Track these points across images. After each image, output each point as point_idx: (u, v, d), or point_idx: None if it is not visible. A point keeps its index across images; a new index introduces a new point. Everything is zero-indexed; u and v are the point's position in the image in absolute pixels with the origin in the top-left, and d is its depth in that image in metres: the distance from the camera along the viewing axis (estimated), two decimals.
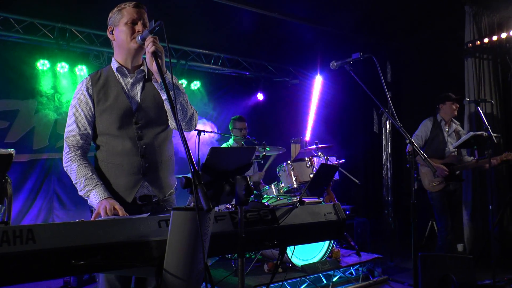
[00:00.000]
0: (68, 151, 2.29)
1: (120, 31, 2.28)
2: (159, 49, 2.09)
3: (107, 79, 2.34)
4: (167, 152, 2.42)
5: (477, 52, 6.32)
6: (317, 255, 4.74)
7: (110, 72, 2.36)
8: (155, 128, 2.35)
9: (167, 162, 2.42)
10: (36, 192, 5.65)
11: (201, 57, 7.34)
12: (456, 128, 5.31)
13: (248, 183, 1.74)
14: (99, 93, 2.29)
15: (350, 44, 7.58)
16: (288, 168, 5.12)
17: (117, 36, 2.31)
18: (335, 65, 3.26)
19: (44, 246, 1.50)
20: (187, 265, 1.67)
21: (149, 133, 2.32)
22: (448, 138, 5.23)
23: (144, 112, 2.32)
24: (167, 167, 2.40)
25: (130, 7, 2.28)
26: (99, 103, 2.29)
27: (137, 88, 2.36)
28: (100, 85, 2.31)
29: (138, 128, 2.30)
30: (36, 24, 5.71)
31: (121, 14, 2.28)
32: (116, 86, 2.32)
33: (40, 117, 5.81)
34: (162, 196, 2.37)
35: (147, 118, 2.32)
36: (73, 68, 5.93)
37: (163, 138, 2.39)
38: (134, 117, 2.30)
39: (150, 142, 2.32)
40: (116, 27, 2.31)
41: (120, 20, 2.28)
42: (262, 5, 6.35)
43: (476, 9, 6.30)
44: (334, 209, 2.33)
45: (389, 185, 7.83)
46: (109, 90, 2.31)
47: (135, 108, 2.32)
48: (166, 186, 2.40)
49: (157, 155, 2.34)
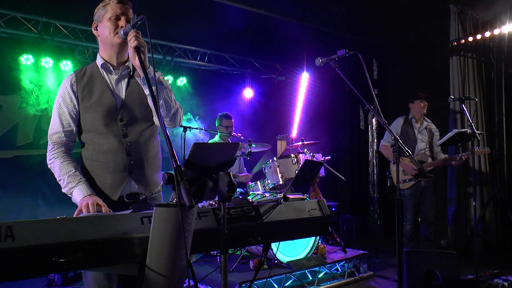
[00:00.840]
0: (51, 148, 2.26)
1: (104, 27, 2.26)
2: (141, 43, 2.08)
3: (92, 75, 2.31)
4: (152, 149, 2.40)
5: (462, 50, 6.40)
6: (302, 252, 4.76)
7: (95, 68, 2.33)
8: (140, 125, 2.33)
9: (153, 159, 2.40)
10: (20, 189, 5.56)
11: (187, 53, 7.31)
12: (428, 126, 5.42)
13: (231, 179, 1.73)
14: (84, 90, 2.27)
15: (337, 41, 7.60)
16: (274, 164, 5.13)
17: (101, 32, 2.29)
18: (320, 61, 3.27)
19: (24, 243, 1.48)
20: (169, 261, 1.66)
21: (134, 130, 2.30)
22: (418, 135, 5.36)
23: (129, 109, 2.30)
24: (153, 164, 2.38)
25: (114, 2, 2.26)
26: (83, 100, 2.26)
27: (122, 85, 2.34)
28: (84, 81, 2.28)
29: (123, 126, 2.27)
30: (19, 18, 5.61)
31: (105, 9, 2.26)
32: (100, 83, 2.29)
33: (24, 113, 5.72)
34: (149, 194, 2.35)
35: (132, 115, 2.30)
36: (57, 63, 5.84)
37: (149, 135, 2.37)
38: (119, 114, 2.28)
39: (135, 140, 2.30)
40: (100, 23, 2.28)
41: (104, 15, 2.26)
42: (249, 2, 6.33)
43: (461, 8, 6.37)
44: (319, 205, 2.34)
45: (375, 182, 7.89)
46: (94, 87, 2.28)
47: (120, 105, 2.29)
48: (153, 183, 2.38)
49: (142, 153, 2.32)
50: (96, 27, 2.31)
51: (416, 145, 5.30)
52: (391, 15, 6.91)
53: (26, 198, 5.64)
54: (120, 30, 2.21)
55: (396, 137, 2.83)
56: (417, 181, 5.21)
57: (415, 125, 5.39)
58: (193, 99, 7.57)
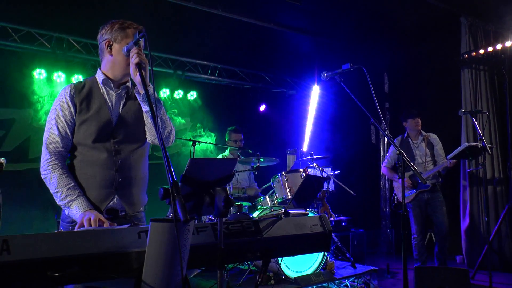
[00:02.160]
0: (48, 159, 2.24)
1: (121, 50, 2.25)
2: (143, 60, 2.09)
3: (91, 90, 2.32)
4: (142, 169, 2.42)
5: (473, 63, 6.33)
6: (310, 267, 4.70)
7: (95, 83, 2.35)
8: (132, 144, 2.35)
9: (141, 180, 2.41)
10: (31, 202, 5.61)
11: (197, 68, 7.36)
12: (426, 137, 5.57)
13: (227, 194, 1.72)
14: (82, 103, 2.28)
15: (347, 55, 7.59)
16: (282, 179, 5.10)
17: (116, 53, 2.28)
18: (325, 75, 3.28)
19: (19, 257, 1.48)
20: (165, 276, 1.65)
21: (126, 149, 2.32)
22: (415, 151, 5.55)
23: (123, 127, 2.32)
24: (140, 184, 2.39)
25: (134, 28, 2.28)
26: (80, 113, 2.27)
27: (119, 103, 2.36)
28: (83, 94, 2.29)
29: (116, 143, 2.29)
30: (33, 33, 5.75)
31: (125, 33, 2.26)
32: (99, 98, 2.31)
33: (36, 126, 5.81)
34: (132, 212, 2.35)
35: (126, 133, 2.32)
36: (69, 78, 5.95)
37: (139, 155, 2.38)
38: (113, 131, 2.30)
39: (126, 157, 2.31)
40: (116, 44, 2.27)
41: (124, 39, 2.25)
42: (259, 16, 6.38)
43: (472, 20, 6.33)
44: (320, 221, 2.31)
45: (387, 196, 7.80)
46: (92, 101, 2.30)
47: (115, 122, 2.31)
48: (137, 202, 2.38)
49: (132, 171, 2.33)
50: (110, 45, 2.28)
51: (415, 161, 5.47)
52: (402, 28, 6.90)
53: (37, 210, 5.68)
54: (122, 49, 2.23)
55: (402, 152, 2.81)
56: (418, 193, 5.36)
57: (411, 142, 5.60)
58: (203, 113, 7.60)
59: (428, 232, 6.52)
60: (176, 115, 7.33)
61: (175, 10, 5.88)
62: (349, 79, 3.40)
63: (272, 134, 8.28)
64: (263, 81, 8.20)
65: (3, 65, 5.64)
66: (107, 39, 2.29)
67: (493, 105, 6.34)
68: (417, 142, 5.56)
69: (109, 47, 2.30)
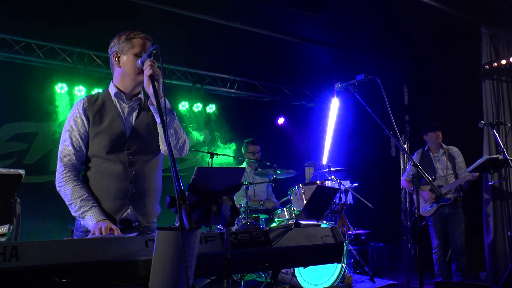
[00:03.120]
0: (62, 171, 2.30)
1: (128, 60, 2.31)
2: (156, 72, 2.12)
3: (104, 103, 2.37)
4: (155, 180, 2.43)
5: (495, 74, 6.20)
6: (328, 280, 4.63)
7: (107, 96, 2.40)
8: (146, 156, 2.37)
9: (155, 190, 2.43)
10: (51, 213, 5.70)
11: (216, 81, 7.43)
12: (447, 150, 5.51)
13: (234, 203, 1.72)
14: (95, 116, 2.32)
15: (366, 67, 7.54)
16: (299, 191, 5.07)
17: (124, 64, 2.33)
18: (339, 86, 3.27)
19: (27, 263, 1.50)
20: (171, 285, 1.65)
21: (140, 160, 2.34)
22: (436, 164, 5.48)
23: (136, 139, 2.34)
24: (153, 195, 2.41)
25: (139, 37, 2.32)
26: (94, 125, 2.31)
27: (132, 115, 2.40)
28: (96, 107, 2.34)
29: (130, 154, 2.32)
30: (56, 49, 5.91)
31: (130, 43, 2.31)
32: (112, 111, 2.35)
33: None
34: (145, 223, 2.36)
35: (139, 145, 2.35)
36: (90, 91, 6.08)
37: (153, 166, 2.40)
38: (127, 143, 2.32)
39: (140, 169, 2.33)
40: (123, 55, 2.33)
41: (130, 49, 2.31)
42: (277, 29, 6.42)
43: (493, 30, 6.22)
44: (332, 232, 2.28)
45: (407, 210, 7.65)
46: (105, 114, 2.34)
47: (129, 134, 2.34)
48: (150, 213, 2.39)
49: (146, 182, 2.35)
50: (118, 58, 2.35)
51: (436, 175, 5.40)
52: (421, 39, 6.84)
53: (56, 222, 5.75)
54: (137, 61, 2.27)
55: (416, 163, 2.77)
56: (439, 207, 5.27)
57: (431, 155, 5.53)
58: (222, 125, 7.63)
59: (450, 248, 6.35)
60: (194, 130, 7.39)
61: (194, 23, 5.97)
62: (367, 91, 3.38)
63: (290, 147, 8.25)
64: (282, 94, 8.21)
65: (27, 79, 5.80)
66: (115, 52, 2.35)
67: None
68: (438, 155, 5.50)
69: (117, 59, 2.36)
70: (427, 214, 5.35)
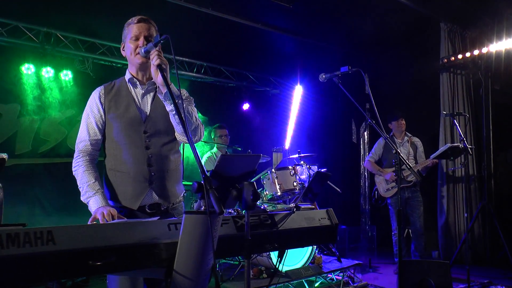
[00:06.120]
0: (77, 156, 2.36)
1: (127, 48, 2.40)
2: (163, 61, 2.17)
3: (119, 89, 2.42)
4: (174, 161, 2.47)
5: (452, 67, 6.63)
6: (300, 261, 4.86)
7: (123, 82, 2.45)
8: (163, 138, 2.41)
9: (174, 172, 2.45)
10: (18, 198, 5.56)
11: (184, 65, 7.41)
12: (410, 139, 5.87)
13: (255, 188, 1.84)
14: (110, 102, 2.37)
15: (329, 56, 7.74)
16: (272, 176, 5.23)
17: (126, 52, 2.43)
18: (324, 77, 3.42)
19: (63, 247, 1.56)
20: (196, 266, 1.76)
21: (157, 143, 2.38)
22: (400, 148, 5.79)
23: (153, 122, 2.38)
24: (173, 176, 2.44)
25: (134, 23, 2.38)
26: (109, 111, 2.36)
27: (147, 99, 2.44)
28: (112, 94, 2.39)
29: (147, 137, 2.36)
30: (21, 27, 5.68)
31: (128, 30, 2.39)
32: (127, 96, 2.40)
33: (23, 121, 5.74)
34: (169, 204, 2.41)
35: (156, 128, 2.39)
36: (58, 73, 5.90)
37: (170, 148, 2.44)
38: (143, 127, 2.36)
39: (157, 152, 2.37)
40: (125, 43, 2.42)
41: (127, 36, 2.39)
42: (247, 16, 6.48)
43: (451, 26, 6.62)
44: (328, 214, 2.46)
45: (366, 194, 8.05)
46: (120, 99, 2.38)
47: (145, 118, 2.38)
48: (172, 195, 2.43)
49: (164, 164, 2.39)
50: (123, 47, 2.44)
51: None
52: (383, 31, 7.13)
53: (24, 206, 5.62)
54: (139, 49, 2.32)
55: (397, 151, 2.98)
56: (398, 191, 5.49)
57: (396, 140, 5.85)
58: None
59: (406, 229, 6.79)
60: None
61: (163, 8, 5.90)
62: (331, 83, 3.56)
63: (257, 132, 8.39)
64: (247, 80, 8.31)
65: None
66: (122, 43, 2.46)
67: (469, 108, 6.66)
68: (402, 142, 5.84)
69: (123, 49, 2.45)
70: (388, 195, 5.70)
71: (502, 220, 5.88)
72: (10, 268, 1.46)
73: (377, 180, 5.94)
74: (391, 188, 5.68)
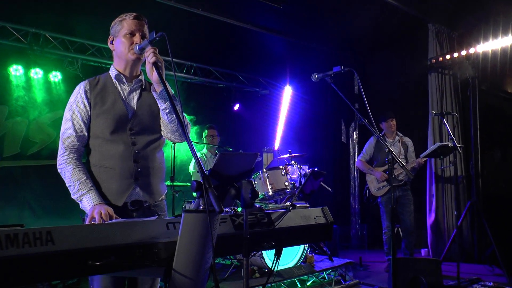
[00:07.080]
0: (63, 153, 2.30)
1: (120, 42, 2.36)
2: (159, 59, 2.16)
3: (105, 84, 2.39)
4: (158, 159, 2.47)
5: (440, 67, 6.71)
6: (292, 260, 4.88)
7: (108, 78, 2.42)
8: (149, 136, 2.40)
9: (158, 169, 2.46)
10: (7, 200, 5.50)
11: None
12: (401, 139, 5.93)
13: (253, 187, 1.85)
14: (96, 97, 2.34)
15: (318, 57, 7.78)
16: (263, 176, 5.24)
17: (117, 47, 2.39)
18: (316, 77, 3.44)
19: (63, 247, 1.55)
20: (196, 264, 1.76)
21: (143, 140, 2.37)
22: (392, 148, 5.73)
23: (139, 119, 2.38)
24: (158, 173, 2.45)
25: (130, 19, 2.36)
26: (95, 107, 2.33)
27: (133, 96, 2.42)
28: (98, 89, 2.36)
29: (132, 134, 2.35)
30: (8, 28, 5.62)
31: (121, 25, 2.36)
32: (113, 92, 2.37)
33: (12, 123, 5.69)
34: (153, 202, 2.41)
35: (142, 125, 2.38)
36: (47, 74, 5.85)
37: (156, 146, 2.44)
38: (129, 123, 2.35)
39: (143, 148, 2.37)
40: (116, 38, 2.38)
41: (120, 31, 2.35)
42: (236, 16, 6.49)
43: (439, 27, 6.70)
44: (323, 213, 2.48)
45: (356, 193, 8.11)
46: (107, 95, 2.36)
47: (131, 114, 2.37)
48: (157, 192, 2.44)
49: (149, 161, 2.39)
50: (112, 41, 2.41)
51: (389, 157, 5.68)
52: (372, 32, 7.19)
53: (13, 209, 5.57)
54: (135, 46, 2.31)
55: (390, 149, 3.02)
56: (389, 190, 5.64)
57: (387, 139, 5.91)
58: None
59: (396, 227, 6.86)
60: None
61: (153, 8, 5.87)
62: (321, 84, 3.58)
63: (247, 133, 8.41)
64: (237, 81, 8.33)
65: None
66: (110, 36, 2.42)
67: (457, 108, 6.75)
68: (393, 141, 5.89)
69: (111, 43, 2.42)
70: (379, 194, 5.75)
71: (490, 218, 5.96)
72: (9, 269, 1.45)
73: (368, 179, 5.98)
74: (382, 187, 5.73)
